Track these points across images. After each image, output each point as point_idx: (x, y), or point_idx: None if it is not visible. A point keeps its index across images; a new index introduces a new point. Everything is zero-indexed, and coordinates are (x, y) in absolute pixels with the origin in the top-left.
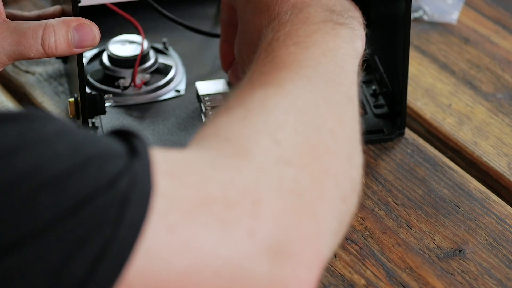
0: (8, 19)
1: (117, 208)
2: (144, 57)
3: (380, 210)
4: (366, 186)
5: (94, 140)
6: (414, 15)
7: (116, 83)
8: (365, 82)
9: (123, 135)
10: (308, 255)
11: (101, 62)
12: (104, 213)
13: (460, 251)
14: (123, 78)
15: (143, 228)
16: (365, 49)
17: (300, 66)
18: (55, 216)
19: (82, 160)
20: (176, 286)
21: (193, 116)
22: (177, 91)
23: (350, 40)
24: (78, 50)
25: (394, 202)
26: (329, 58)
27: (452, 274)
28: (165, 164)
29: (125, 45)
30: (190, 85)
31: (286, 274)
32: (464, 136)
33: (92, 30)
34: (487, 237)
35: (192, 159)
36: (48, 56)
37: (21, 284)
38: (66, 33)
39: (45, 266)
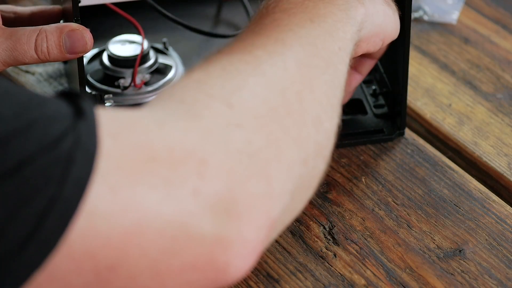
0: (3, 26)
1: (62, 168)
2: (144, 57)
3: (380, 210)
4: (366, 186)
5: (40, 102)
6: (414, 15)
7: (116, 83)
8: (365, 82)
9: (70, 96)
10: (255, 215)
11: (101, 62)
12: (48, 172)
13: (460, 251)
14: (123, 78)
15: (87, 188)
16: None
17: (279, 31)
18: None
19: (26, 123)
20: (119, 247)
21: None
22: None
23: (345, 8)
24: (71, 56)
25: (394, 202)
26: (317, 23)
27: (452, 274)
28: (111, 124)
29: (125, 45)
30: None
31: (230, 233)
32: (464, 136)
33: (83, 36)
34: (487, 237)
35: (141, 119)
36: (43, 61)
37: None
38: (59, 39)
39: None
